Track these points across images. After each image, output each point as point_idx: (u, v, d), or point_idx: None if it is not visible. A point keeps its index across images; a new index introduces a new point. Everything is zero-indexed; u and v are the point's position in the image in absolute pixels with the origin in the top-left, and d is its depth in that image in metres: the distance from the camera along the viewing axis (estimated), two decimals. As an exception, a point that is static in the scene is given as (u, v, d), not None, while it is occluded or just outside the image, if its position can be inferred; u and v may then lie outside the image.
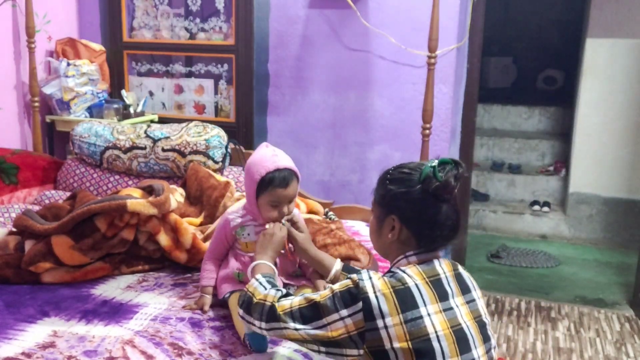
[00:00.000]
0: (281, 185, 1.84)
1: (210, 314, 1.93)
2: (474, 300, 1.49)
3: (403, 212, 1.45)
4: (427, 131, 2.81)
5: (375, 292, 1.36)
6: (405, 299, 1.37)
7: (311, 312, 1.42)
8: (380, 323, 1.35)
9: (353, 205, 2.95)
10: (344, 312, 1.37)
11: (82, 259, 2.16)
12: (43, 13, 3.44)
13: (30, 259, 2.12)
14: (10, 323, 1.85)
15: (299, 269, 2.01)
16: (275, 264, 1.93)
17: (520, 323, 3.42)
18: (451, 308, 1.41)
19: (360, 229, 2.71)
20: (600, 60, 4.65)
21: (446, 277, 1.46)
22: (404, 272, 1.42)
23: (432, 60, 2.77)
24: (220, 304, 1.96)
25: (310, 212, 2.71)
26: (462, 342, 1.39)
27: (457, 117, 3.44)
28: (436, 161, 1.44)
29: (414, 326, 1.35)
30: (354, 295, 1.37)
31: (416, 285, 1.39)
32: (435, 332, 1.36)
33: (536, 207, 5.04)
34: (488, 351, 1.46)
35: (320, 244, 2.29)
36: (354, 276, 1.41)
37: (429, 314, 1.37)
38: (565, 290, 3.89)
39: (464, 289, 1.48)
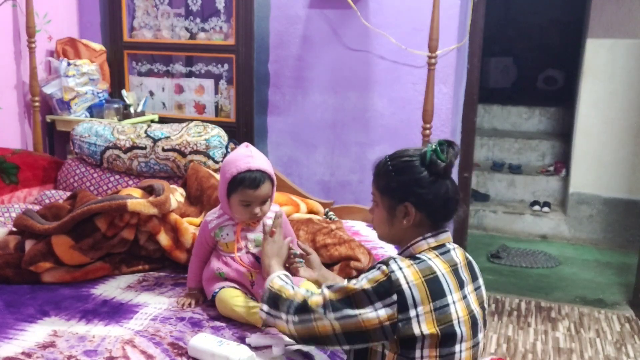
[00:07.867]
0: (251, 186, 1.86)
1: (211, 313, 1.94)
2: (480, 287, 1.59)
3: (418, 197, 1.51)
4: (428, 131, 2.81)
5: (408, 284, 1.42)
6: (435, 289, 1.44)
7: (344, 304, 1.45)
8: (412, 313, 1.40)
9: (353, 205, 2.95)
10: (379, 305, 1.41)
11: (82, 258, 2.17)
12: (43, 13, 3.44)
13: (30, 258, 2.12)
14: (10, 323, 1.85)
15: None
16: (253, 254, 1.96)
17: (520, 323, 3.41)
18: (466, 295, 1.51)
19: (360, 229, 2.71)
20: (600, 61, 4.64)
21: (460, 266, 1.54)
22: (430, 259, 1.48)
23: (433, 61, 2.77)
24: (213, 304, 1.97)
25: (310, 212, 2.71)
26: (474, 326, 1.51)
27: (457, 117, 3.44)
28: (433, 145, 1.53)
29: (442, 313, 1.44)
30: (388, 288, 1.41)
31: (443, 274, 1.48)
32: (458, 317, 1.46)
33: (536, 208, 5.04)
34: (484, 335, 1.58)
35: (320, 244, 2.30)
36: (385, 268, 1.43)
37: (454, 302, 1.46)
38: (565, 291, 3.88)
39: (474, 277, 1.57)
